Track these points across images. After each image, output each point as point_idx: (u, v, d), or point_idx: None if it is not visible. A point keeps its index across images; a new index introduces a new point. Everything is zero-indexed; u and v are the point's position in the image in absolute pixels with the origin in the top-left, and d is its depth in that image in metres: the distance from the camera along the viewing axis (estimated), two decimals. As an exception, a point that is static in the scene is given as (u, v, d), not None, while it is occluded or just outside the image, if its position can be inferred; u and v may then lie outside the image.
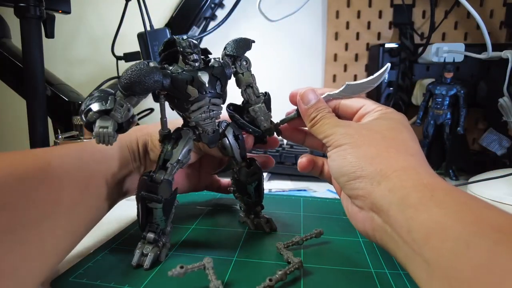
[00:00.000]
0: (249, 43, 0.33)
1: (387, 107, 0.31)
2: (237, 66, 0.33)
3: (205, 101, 0.30)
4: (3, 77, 0.66)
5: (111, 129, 0.26)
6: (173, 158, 0.30)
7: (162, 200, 0.29)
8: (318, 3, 0.81)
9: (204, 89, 0.29)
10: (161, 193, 0.29)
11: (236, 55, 0.32)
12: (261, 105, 0.34)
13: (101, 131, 0.26)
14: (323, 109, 0.32)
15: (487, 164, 0.62)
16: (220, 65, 0.31)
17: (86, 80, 0.88)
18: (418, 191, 0.24)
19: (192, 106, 0.29)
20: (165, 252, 0.31)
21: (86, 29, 0.89)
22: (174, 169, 0.30)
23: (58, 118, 0.66)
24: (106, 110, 0.26)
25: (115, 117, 0.26)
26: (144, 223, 0.31)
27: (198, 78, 0.29)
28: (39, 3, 0.48)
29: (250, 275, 0.28)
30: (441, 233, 0.21)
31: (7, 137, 0.95)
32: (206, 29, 0.79)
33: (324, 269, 0.29)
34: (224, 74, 0.31)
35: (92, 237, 0.36)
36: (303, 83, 0.84)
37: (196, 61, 0.29)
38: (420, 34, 0.76)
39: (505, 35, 0.74)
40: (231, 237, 0.36)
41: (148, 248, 0.30)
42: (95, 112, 0.26)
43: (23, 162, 0.26)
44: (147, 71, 0.26)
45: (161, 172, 0.30)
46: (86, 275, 0.28)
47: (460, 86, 0.58)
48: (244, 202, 0.38)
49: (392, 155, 0.27)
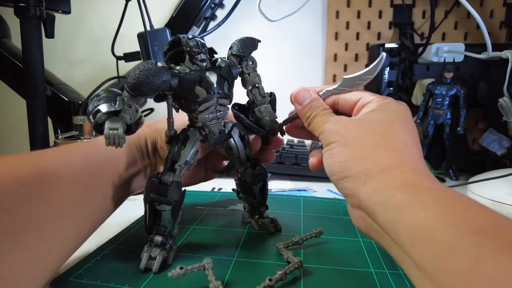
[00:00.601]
0: (255, 43, 0.33)
1: (386, 97, 0.30)
2: (243, 66, 0.32)
3: (213, 102, 0.29)
4: (3, 77, 0.66)
5: (121, 130, 0.25)
6: (181, 159, 0.29)
7: (172, 202, 0.29)
8: (318, 3, 0.81)
9: (212, 90, 0.29)
10: (170, 195, 0.29)
11: (243, 55, 0.32)
12: (266, 105, 0.34)
13: (111, 133, 0.25)
14: (317, 107, 0.31)
15: (487, 164, 0.62)
16: (227, 65, 0.31)
17: (86, 80, 0.88)
18: (402, 191, 0.23)
19: (200, 106, 0.29)
20: (173, 255, 0.31)
21: (86, 29, 0.89)
22: (182, 170, 0.30)
23: (58, 118, 0.66)
24: (115, 111, 0.25)
25: (124, 119, 0.25)
26: (151, 225, 0.30)
27: (207, 78, 0.28)
28: (39, 3, 0.48)
29: (250, 275, 0.28)
30: (426, 237, 0.20)
31: (7, 137, 0.95)
32: (206, 29, 0.79)
33: (324, 269, 0.29)
34: (231, 74, 0.31)
35: (92, 237, 0.36)
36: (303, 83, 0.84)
37: (203, 61, 0.29)
38: (420, 34, 0.76)
39: (505, 35, 0.74)
40: (231, 237, 0.36)
41: (155, 251, 0.29)
42: (104, 113, 0.25)
43: (24, 165, 0.26)
44: (156, 71, 0.26)
45: (169, 174, 0.29)
46: (86, 275, 0.28)
47: (460, 86, 0.58)
48: (248, 202, 0.38)
49: (380, 153, 0.26)
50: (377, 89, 0.75)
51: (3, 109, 0.93)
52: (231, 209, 0.44)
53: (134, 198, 0.41)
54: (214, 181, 0.60)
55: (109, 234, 0.36)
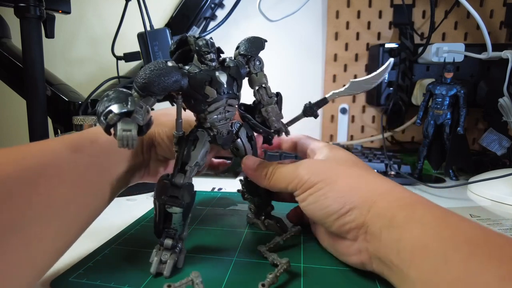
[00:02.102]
0: (263, 43, 0.33)
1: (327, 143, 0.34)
2: (251, 66, 0.32)
3: (222, 102, 0.29)
4: (3, 77, 0.66)
5: (135, 132, 0.24)
6: (192, 160, 0.29)
7: (184, 204, 0.28)
8: (318, 3, 0.81)
9: (222, 90, 0.28)
10: (182, 197, 0.28)
11: (250, 55, 0.32)
12: (273, 105, 0.34)
13: (124, 134, 0.23)
14: (271, 163, 0.32)
15: (487, 164, 0.62)
16: (235, 65, 0.30)
17: (86, 80, 0.88)
18: (403, 209, 0.24)
19: (209, 107, 0.29)
20: (183, 258, 0.30)
21: (86, 29, 0.89)
22: (193, 171, 0.29)
23: (58, 118, 0.66)
24: (127, 112, 0.24)
25: (137, 119, 0.24)
26: (161, 229, 0.29)
27: (217, 78, 0.28)
28: (39, 3, 0.48)
29: (250, 275, 0.28)
30: (423, 251, 0.21)
31: (7, 137, 0.95)
32: (206, 29, 0.79)
33: (324, 269, 0.29)
34: (240, 74, 0.30)
35: (92, 237, 0.36)
36: (303, 83, 0.84)
37: (213, 61, 0.28)
38: (420, 34, 0.76)
39: (505, 35, 0.74)
40: (231, 237, 0.36)
41: (166, 255, 0.29)
42: (116, 114, 0.23)
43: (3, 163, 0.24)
44: (167, 71, 0.25)
45: (180, 176, 0.29)
46: (86, 275, 0.28)
47: (460, 86, 0.58)
48: (254, 203, 0.37)
49: (369, 180, 0.28)
50: (377, 89, 0.75)
51: (3, 109, 0.93)
52: (231, 209, 0.44)
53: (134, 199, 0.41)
54: (214, 181, 0.60)
55: (109, 234, 0.36)
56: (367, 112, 0.83)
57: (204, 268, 0.29)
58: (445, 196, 0.52)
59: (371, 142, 0.82)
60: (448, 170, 0.60)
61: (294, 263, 0.30)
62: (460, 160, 0.60)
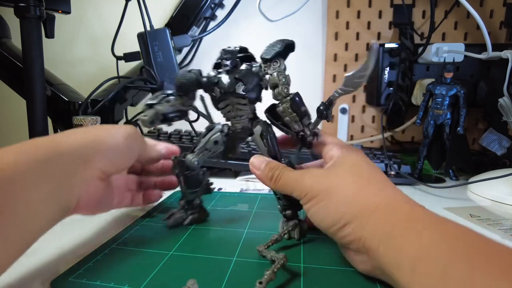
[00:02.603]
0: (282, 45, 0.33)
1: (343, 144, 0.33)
2: (268, 68, 0.33)
3: (230, 101, 0.34)
4: (3, 77, 0.66)
5: (147, 117, 0.34)
6: (199, 145, 0.37)
7: (176, 172, 0.38)
8: (318, 3, 0.82)
9: (226, 90, 0.33)
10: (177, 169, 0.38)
11: (265, 58, 0.33)
12: (286, 105, 0.32)
13: (141, 117, 0.34)
14: (278, 166, 0.32)
15: (487, 164, 0.62)
16: (246, 68, 0.34)
17: (86, 80, 0.88)
18: (400, 223, 0.24)
19: (219, 104, 0.35)
20: (189, 219, 0.38)
21: (86, 29, 0.89)
22: (200, 153, 0.37)
23: (58, 118, 0.66)
24: (151, 104, 0.35)
25: (157, 109, 0.34)
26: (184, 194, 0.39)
27: (221, 80, 0.34)
28: (39, 3, 0.48)
29: (250, 275, 0.28)
30: (423, 263, 0.21)
31: (7, 137, 0.94)
32: (206, 29, 0.79)
33: (324, 269, 0.29)
34: (248, 77, 0.33)
35: (92, 237, 0.36)
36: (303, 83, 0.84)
37: (226, 66, 0.33)
38: (420, 34, 0.76)
39: (505, 35, 0.74)
40: (231, 237, 0.36)
41: (178, 212, 0.38)
42: (145, 105, 0.35)
43: None
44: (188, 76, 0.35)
45: (191, 154, 0.37)
46: (86, 275, 0.28)
47: (460, 86, 0.58)
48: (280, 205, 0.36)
49: (369, 192, 0.27)
50: (377, 89, 0.75)
51: (3, 109, 0.93)
52: (231, 209, 0.44)
53: (134, 198, 0.41)
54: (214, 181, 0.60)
55: (109, 234, 0.37)
56: (367, 112, 0.83)
57: (204, 268, 0.29)
58: (445, 196, 0.52)
59: (371, 142, 0.82)
60: (448, 170, 0.60)
61: (294, 263, 0.30)
62: (460, 160, 0.60)
